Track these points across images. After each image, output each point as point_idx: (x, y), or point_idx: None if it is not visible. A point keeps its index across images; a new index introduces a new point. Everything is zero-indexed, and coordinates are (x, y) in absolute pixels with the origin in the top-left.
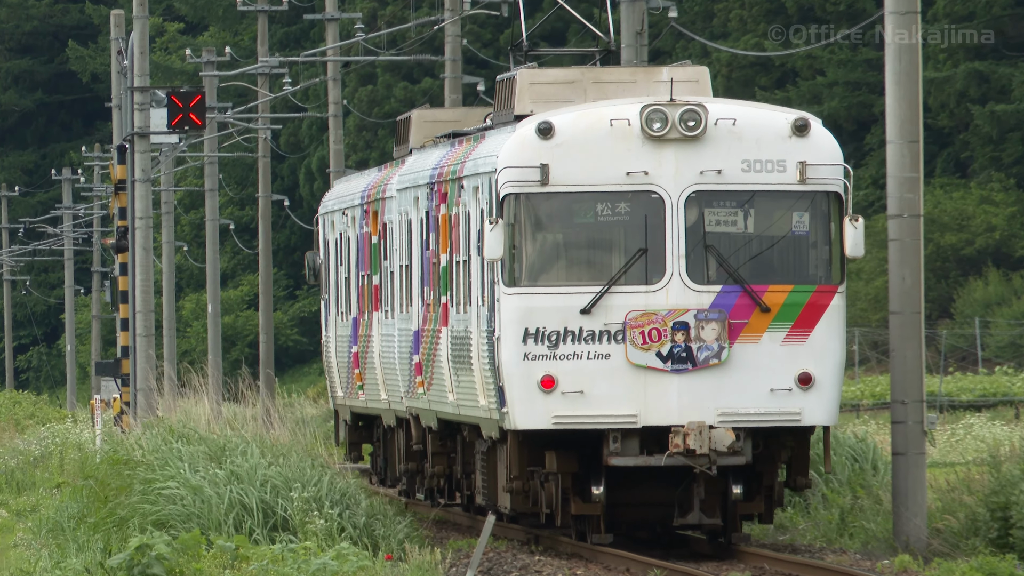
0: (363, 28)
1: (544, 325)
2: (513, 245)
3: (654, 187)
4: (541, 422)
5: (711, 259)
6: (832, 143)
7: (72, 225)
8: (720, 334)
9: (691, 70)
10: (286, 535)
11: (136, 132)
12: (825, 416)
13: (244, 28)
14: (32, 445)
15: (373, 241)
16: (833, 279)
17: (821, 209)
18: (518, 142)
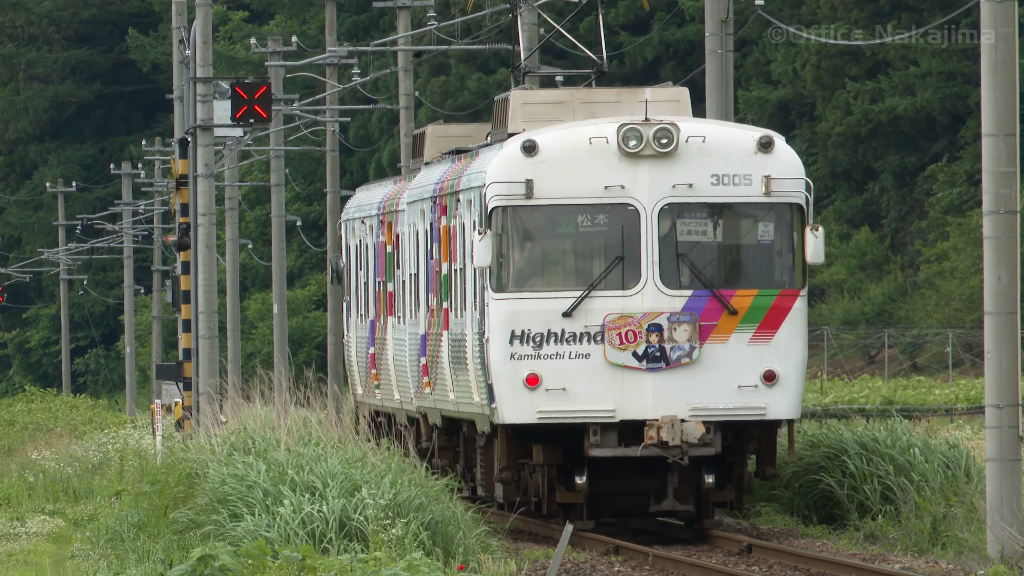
0: (436, 16)
1: (529, 327)
2: (501, 254)
3: (630, 200)
4: (527, 417)
5: (683, 266)
6: (794, 159)
7: (132, 222)
8: (691, 335)
9: (671, 91)
10: (359, 543)
11: (199, 125)
12: (788, 411)
13: (311, 16)
14: (90, 452)
15: (388, 250)
16: (796, 284)
17: (784, 220)
18: (505, 159)
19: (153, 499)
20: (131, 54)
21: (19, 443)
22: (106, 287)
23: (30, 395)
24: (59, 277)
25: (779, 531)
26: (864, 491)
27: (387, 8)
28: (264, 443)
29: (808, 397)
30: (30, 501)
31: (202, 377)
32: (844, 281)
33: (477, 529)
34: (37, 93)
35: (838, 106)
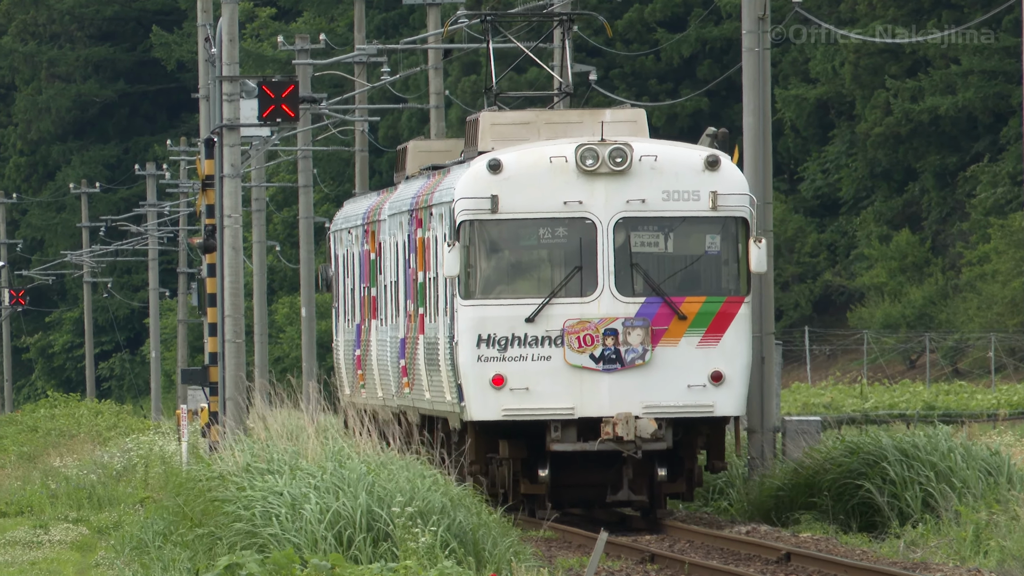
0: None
1: (495, 332)
2: (468, 264)
3: (587, 214)
4: (493, 414)
5: (636, 275)
6: (739, 176)
7: (157, 224)
8: (644, 339)
9: (629, 112)
10: (388, 546)
11: (225, 124)
12: (734, 408)
13: (340, 14)
14: (114, 458)
15: (372, 258)
16: (741, 291)
17: (730, 232)
18: (472, 176)
19: (178, 507)
20: (155, 52)
21: (42, 449)
22: (131, 290)
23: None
24: (83, 280)
25: (818, 539)
26: (904, 498)
27: (417, 5)
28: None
29: (848, 403)
30: (53, 509)
31: (228, 382)
32: (884, 284)
33: (509, 536)
34: (59, 92)
35: (877, 105)
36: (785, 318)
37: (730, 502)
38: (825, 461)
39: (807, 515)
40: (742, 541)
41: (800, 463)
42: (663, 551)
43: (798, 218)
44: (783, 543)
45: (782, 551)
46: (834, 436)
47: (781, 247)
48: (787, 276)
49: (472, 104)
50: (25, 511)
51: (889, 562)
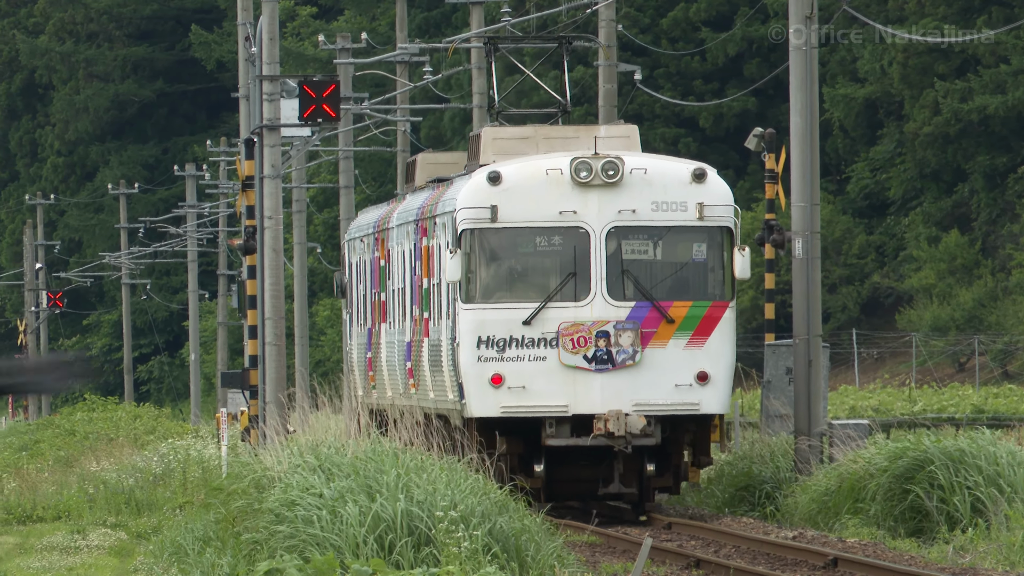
0: (510, 12)
1: (494, 333)
2: (469, 270)
3: (581, 223)
4: (492, 411)
5: (627, 281)
6: (724, 188)
7: (196, 225)
8: (634, 341)
9: (623, 128)
10: (430, 550)
11: (265, 124)
12: (719, 406)
13: (381, 12)
14: (153, 462)
15: (381, 265)
16: (725, 296)
17: (716, 240)
18: (472, 188)
19: (219, 512)
20: (194, 51)
21: (80, 454)
22: (170, 292)
23: (91, 404)
24: (121, 282)
25: (865, 544)
26: (953, 503)
27: (460, 3)
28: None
29: (896, 406)
30: (91, 513)
31: (269, 385)
32: (933, 286)
33: (552, 541)
34: (98, 92)
35: (926, 105)
36: (833, 320)
37: (776, 507)
38: (872, 465)
39: (854, 519)
40: (788, 546)
41: (847, 467)
42: (708, 556)
43: (846, 219)
44: (830, 548)
45: (829, 556)
46: (882, 440)
47: (828, 249)
48: (835, 278)
49: (516, 103)
50: (63, 516)
51: (938, 567)
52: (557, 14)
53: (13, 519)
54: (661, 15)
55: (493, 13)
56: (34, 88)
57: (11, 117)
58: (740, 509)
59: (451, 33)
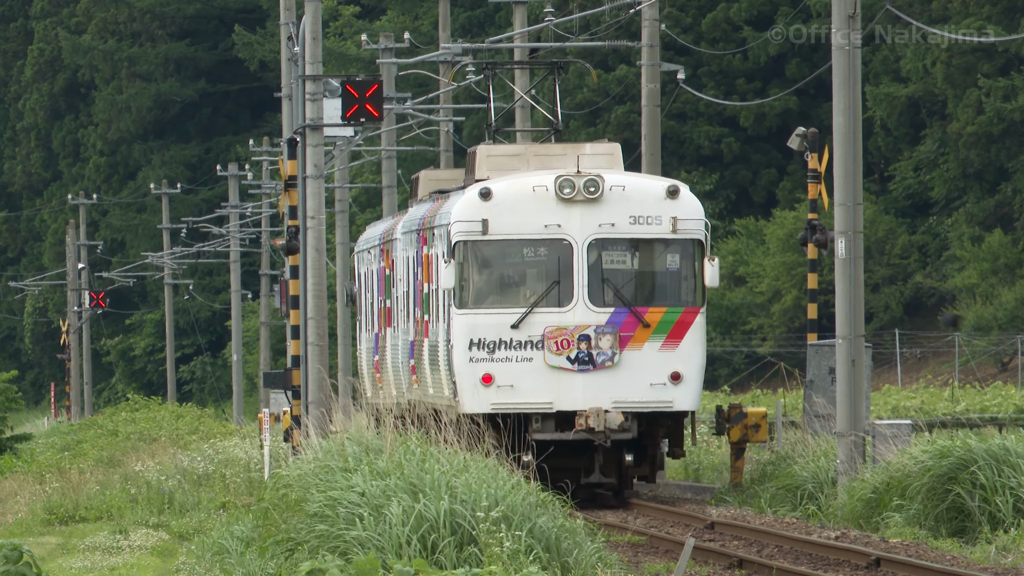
0: (553, 12)
1: (485, 336)
2: (462, 278)
3: (565, 236)
4: (482, 408)
5: (607, 288)
6: (696, 203)
7: (239, 225)
8: (613, 343)
9: (606, 146)
10: (472, 550)
11: (308, 124)
12: (690, 403)
13: (424, 12)
14: (196, 463)
15: (387, 274)
16: (697, 303)
17: (688, 252)
18: (465, 202)
19: (260, 510)
20: (237, 51)
21: (122, 454)
22: (212, 292)
23: (133, 404)
24: (163, 282)
25: (907, 544)
26: (995, 503)
27: (503, 3)
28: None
29: (939, 406)
30: (133, 514)
31: (311, 385)
32: (976, 286)
33: (594, 542)
34: (140, 91)
35: (970, 104)
36: (875, 320)
37: (819, 506)
38: (915, 465)
39: (896, 519)
40: (831, 546)
41: (889, 467)
42: (751, 556)
43: (888, 219)
44: (873, 548)
45: (872, 556)
46: (924, 440)
47: (871, 249)
48: (877, 278)
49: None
50: (105, 516)
51: (980, 568)
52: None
53: (56, 519)
54: (703, 15)
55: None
56: (77, 87)
57: (54, 116)
58: (783, 509)
59: (494, 32)
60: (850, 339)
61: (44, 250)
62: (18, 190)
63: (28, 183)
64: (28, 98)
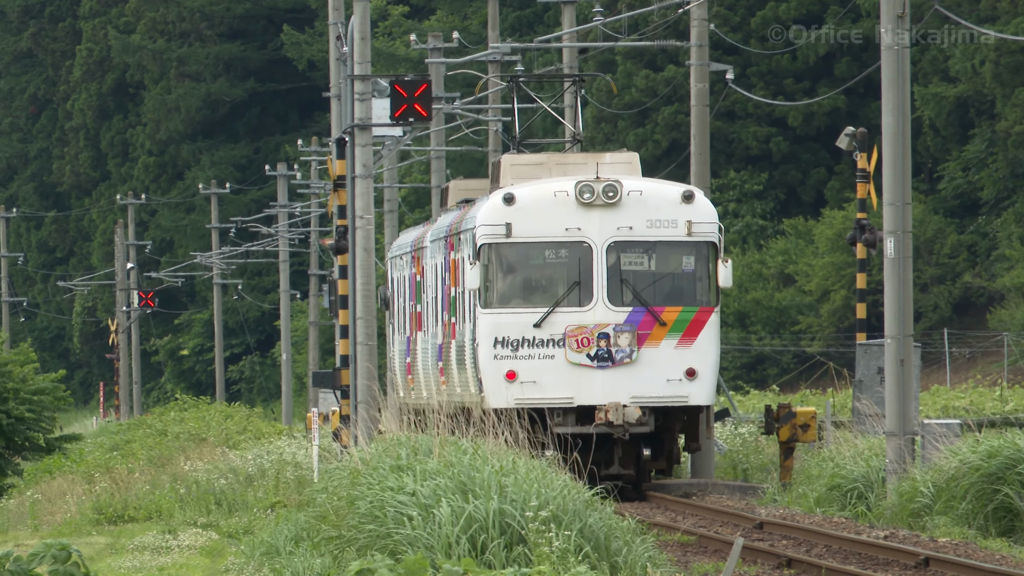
0: (602, 12)
1: (508, 335)
2: (487, 279)
3: (585, 239)
4: (507, 403)
5: (625, 289)
6: (710, 207)
7: (288, 225)
8: (631, 341)
9: (625, 155)
10: (521, 550)
11: (356, 124)
12: (705, 399)
13: (473, 12)
14: (245, 463)
15: (417, 280)
16: (711, 302)
17: (702, 254)
18: (490, 207)
19: (310, 510)
20: (286, 51)
21: (171, 453)
22: (261, 292)
23: (182, 404)
24: (212, 282)
25: (956, 544)
26: None
27: (552, 3)
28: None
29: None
30: (182, 513)
31: (360, 385)
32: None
33: (643, 542)
34: (189, 91)
35: (1018, 104)
36: (924, 320)
37: (867, 506)
38: (964, 465)
39: (945, 519)
40: (880, 546)
41: (938, 467)
42: (800, 556)
43: (937, 219)
44: (921, 548)
45: (920, 556)
46: (973, 440)
47: (920, 248)
48: (926, 278)
49: (608, 103)
50: (154, 516)
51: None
52: (649, 13)
53: (104, 519)
54: (752, 14)
55: (585, 12)
56: (125, 87)
57: (102, 116)
58: (831, 509)
59: (543, 32)
60: (899, 339)
61: (93, 250)
62: (67, 190)
63: (77, 183)
64: (77, 98)
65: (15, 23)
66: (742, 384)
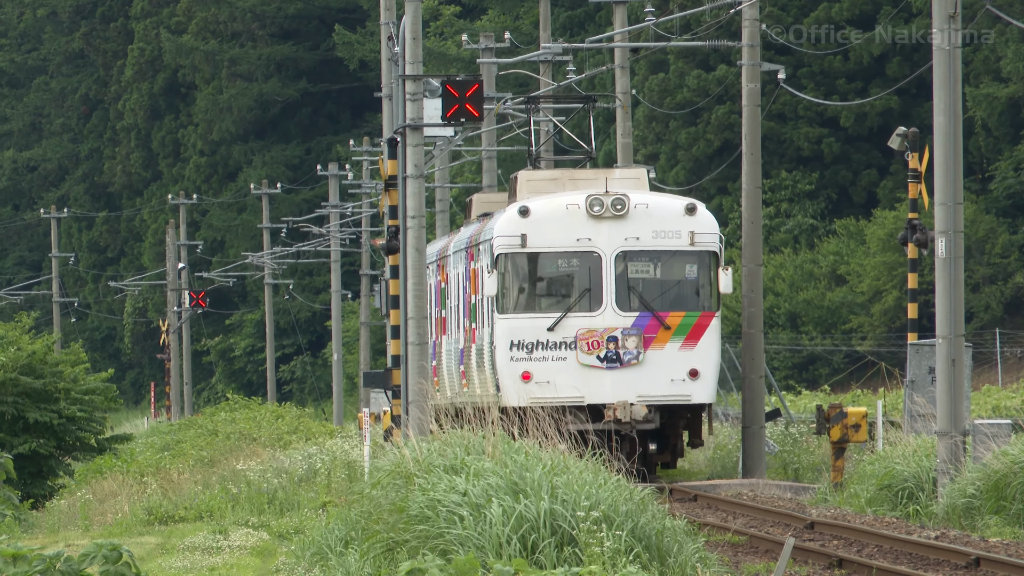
0: (654, 12)
1: (524, 338)
2: (504, 286)
3: (595, 248)
4: (522, 401)
5: (632, 295)
6: (711, 219)
7: (339, 225)
8: (638, 344)
9: (634, 171)
10: (571, 550)
11: (408, 124)
12: (707, 397)
13: (525, 12)
14: (297, 463)
15: (442, 287)
16: (712, 308)
17: (704, 263)
18: (506, 219)
19: (360, 510)
20: (338, 51)
21: (222, 453)
22: (312, 292)
23: (233, 404)
24: (264, 282)
25: (1007, 543)
26: None
27: (603, 3)
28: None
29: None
30: (233, 514)
31: (411, 385)
32: None
33: (694, 542)
34: (241, 92)
35: None
36: (976, 320)
37: (919, 506)
38: (1014, 465)
39: (996, 519)
40: (930, 546)
41: (990, 466)
42: (851, 556)
43: (989, 218)
44: (972, 548)
45: (971, 556)
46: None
47: (972, 248)
48: (978, 278)
49: (659, 103)
50: (205, 516)
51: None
52: (701, 14)
53: (155, 519)
54: (804, 14)
55: (637, 12)
56: (177, 87)
57: (154, 117)
58: (882, 509)
59: (594, 32)
60: (950, 339)
61: (144, 250)
62: (118, 190)
63: (128, 183)
64: (128, 98)
65: (67, 23)
66: (794, 384)
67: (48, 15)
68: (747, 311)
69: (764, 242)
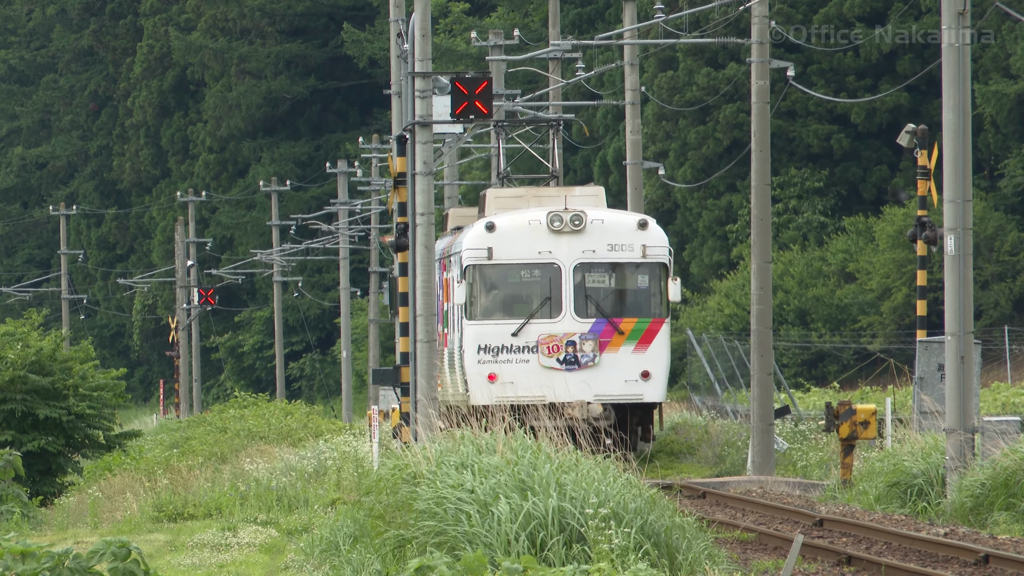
0: (663, 9)
1: (490, 343)
2: (472, 295)
3: (555, 260)
4: (488, 400)
5: (589, 303)
6: (661, 233)
7: (348, 222)
8: (594, 348)
9: (592, 189)
10: (580, 547)
11: (417, 121)
12: (658, 396)
13: (534, 9)
14: (305, 460)
15: None
16: (662, 314)
17: (655, 273)
18: (474, 234)
19: (369, 507)
20: (347, 48)
21: (231, 451)
22: (321, 289)
23: (242, 401)
24: (272, 279)
25: (1017, 540)
26: None
27: (613, 0)
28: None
29: None
30: (242, 511)
31: (420, 382)
32: None
33: (703, 539)
34: (250, 89)
35: None
36: (985, 317)
37: (928, 503)
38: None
39: (1006, 516)
40: (939, 543)
41: (999, 463)
42: (860, 553)
43: (998, 216)
44: (981, 545)
45: (980, 553)
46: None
47: (980, 245)
48: (987, 275)
49: (668, 100)
50: (214, 513)
51: None
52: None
53: (164, 516)
54: (813, 11)
55: (646, 9)
56: (186, 85)
57: (163, 114)
58: (891, 506)
59: (604, 29)
60: (959, 336)
61: (153, 247)
62: (127, 187)
63: (137, 180)
64: (137, 95)
65: (76, 21)
66: (802, 381)
67: (57, 12)
68: (756, 308)
69: (773, 239)
